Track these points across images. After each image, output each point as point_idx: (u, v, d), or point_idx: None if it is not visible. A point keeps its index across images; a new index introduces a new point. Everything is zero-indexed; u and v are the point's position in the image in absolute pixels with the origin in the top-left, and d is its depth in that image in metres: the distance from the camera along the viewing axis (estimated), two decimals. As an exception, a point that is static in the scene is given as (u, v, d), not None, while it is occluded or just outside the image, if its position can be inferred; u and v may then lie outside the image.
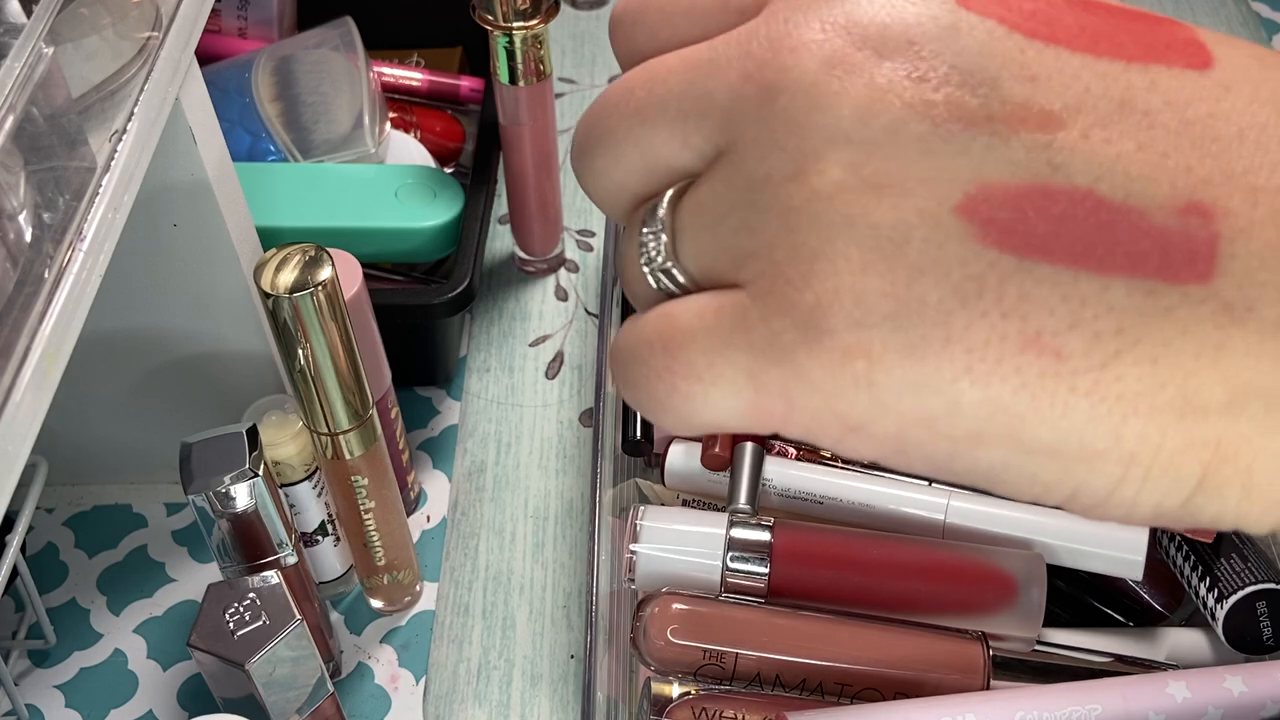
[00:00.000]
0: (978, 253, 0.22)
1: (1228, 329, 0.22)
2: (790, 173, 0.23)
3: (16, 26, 0.34)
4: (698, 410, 0.25)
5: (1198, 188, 0.22)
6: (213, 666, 0.42)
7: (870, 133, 0.22)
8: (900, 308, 0.22)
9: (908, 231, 0.22)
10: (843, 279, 0.22)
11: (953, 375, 0.22)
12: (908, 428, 0.23)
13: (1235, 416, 0.22)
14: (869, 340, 0.22)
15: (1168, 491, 0.23)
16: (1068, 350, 0.22)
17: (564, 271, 0.69)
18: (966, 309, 0.22)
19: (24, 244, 0.32)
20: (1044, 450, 0.23)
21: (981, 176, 0.22)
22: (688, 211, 0.25)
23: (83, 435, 0.56)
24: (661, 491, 0.50)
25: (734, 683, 0.43)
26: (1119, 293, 0.22)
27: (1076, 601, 0.48)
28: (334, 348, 0.42)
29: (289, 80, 0.64)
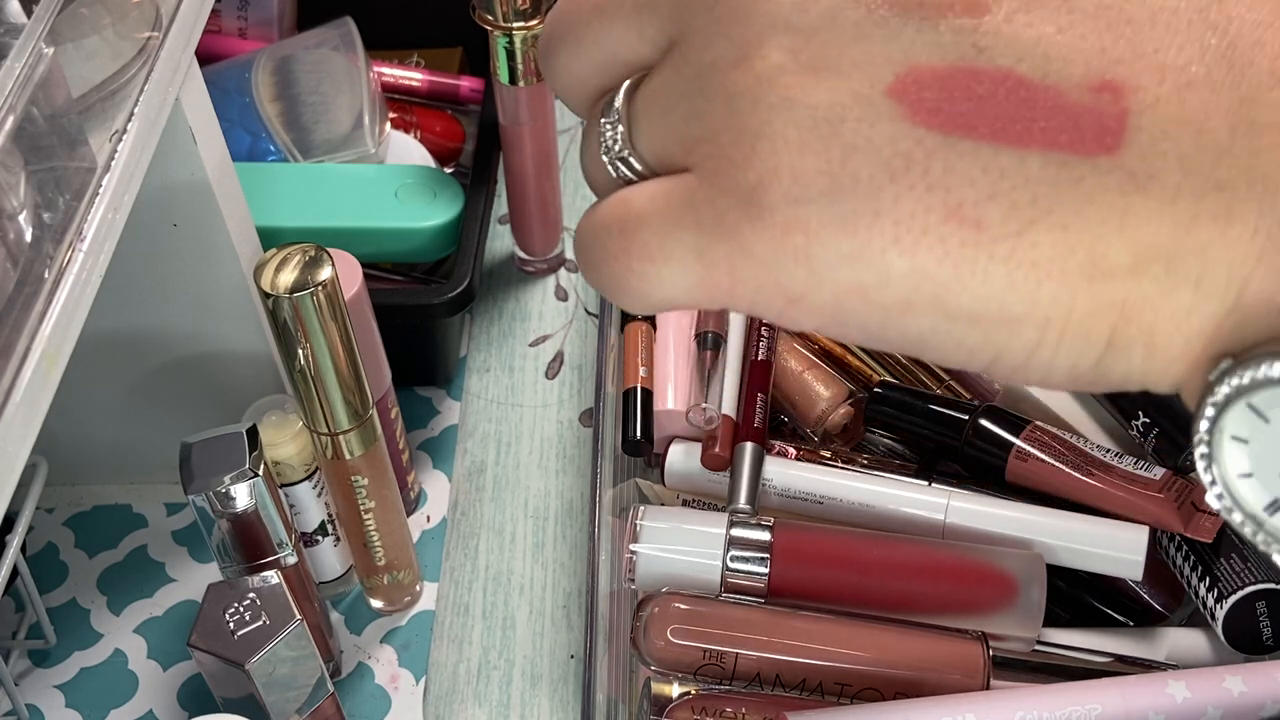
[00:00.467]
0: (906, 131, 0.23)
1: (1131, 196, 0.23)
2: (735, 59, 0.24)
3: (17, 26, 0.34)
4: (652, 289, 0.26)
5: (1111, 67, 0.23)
6: (213, 666, 0.42)
7: (808, 19, 0.24)
8: (834, 184, 0.24)
9: (842, 112, 0.24)
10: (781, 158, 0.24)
11: (882, 246, 0.24)
12: (842, 298, 0.25)
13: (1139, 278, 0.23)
14: (806, 215, 0.24)
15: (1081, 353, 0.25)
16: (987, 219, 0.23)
17: (564, 271, 0.69)
18: (895, 184, 0.23)
19: (24, 244, 0.32)
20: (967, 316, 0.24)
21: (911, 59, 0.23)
22: (641, 100, 0.27)
23: (83, 435, 0.56)
24: (661, 491, 0.50)
25: (734, 683, 0.43)
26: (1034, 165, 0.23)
27: (1076, 601, 0.48)
28: (334, 348, 0.42)
29: (289, 80, 0.64)
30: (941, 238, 0.24)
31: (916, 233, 0.24)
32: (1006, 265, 0.24)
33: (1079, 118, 0.23)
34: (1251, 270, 0.23)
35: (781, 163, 0.24)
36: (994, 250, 0.23)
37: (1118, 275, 0.24)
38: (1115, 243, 0.23)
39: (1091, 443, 0.46)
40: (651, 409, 0.49)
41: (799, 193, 0.24)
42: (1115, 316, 0.24)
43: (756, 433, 0.47)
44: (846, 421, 0.50)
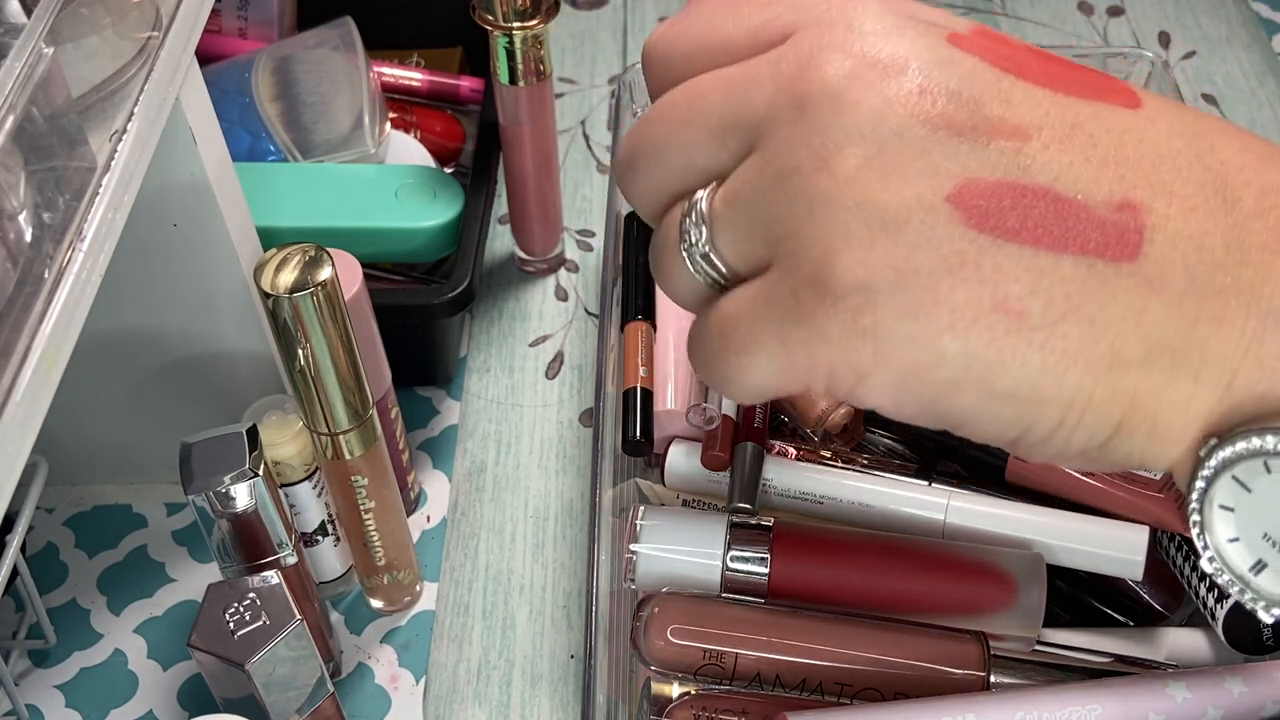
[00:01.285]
0: (961, 233, 0.27)
1: (1147, 297, 0.27)
2: (815, 165, 0.28)
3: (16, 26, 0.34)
4: (750, 377, 0.30)
5: (1129, 190, 0.28)
6: (213, 666, 0.42)
7: (881, 133, 0.28)
8: (899, 276, 0.27)
9: (908, 215, 0.27)
10: (855, 253, 0.27)
11: (938, 330, 0.27)
12: (903, 376, 0.28)
13: (1149, 369, 0.28)
14: (874, 302, 0.28)
15: (1094, 434, 0.29)
16: (1029, 311, 0.27)
17: (564, 271, 0.69)
18: (951, 277, 0.27)
19: (24, 244, 0.32)
20: (1005, 396, 0.28)
21: (967, 172, 0.27)
22: (723, 202, 0.30)
23: (83, 435, 0.56)
24: (661, 491, 0.50)
25: (734, 683, 0.43)
26: (1068, 267, 0.27)
27: (1076, 601, 0.48)
28: (334, 348, 0.42)
29: (289, 80, 0.64)
30: (990, 324, 0.27)
31: (969, 320, 0.27)
32: (1042, 352, 0.27)
33: (1105, 228, 0.27)
34: (1239, 363, 0.27)
35: (855, 257, 0.28)
36: (1032, 338, 0.27)
37: (1132, 365, 0.27)
38: (1132, 336, 0.27)
39: (1091, 443, 0.46)
40: (651, 409, 0.49)
41: (869, 282, 0.27)
42: (1127, 403, 0.28)
43: (756, 433, 0.47)
44: (846, 421, 0.50)
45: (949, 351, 0.28)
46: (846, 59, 0.28)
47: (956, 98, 0.28)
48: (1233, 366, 0.27)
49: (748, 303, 0.30)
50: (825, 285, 0.28)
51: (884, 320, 0.28)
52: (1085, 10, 0.83)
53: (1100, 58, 0.61)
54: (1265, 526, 0.29)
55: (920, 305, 0.27)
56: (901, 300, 0.27)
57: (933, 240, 0.27)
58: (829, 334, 0.28)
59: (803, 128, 0.28)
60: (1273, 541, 0.29)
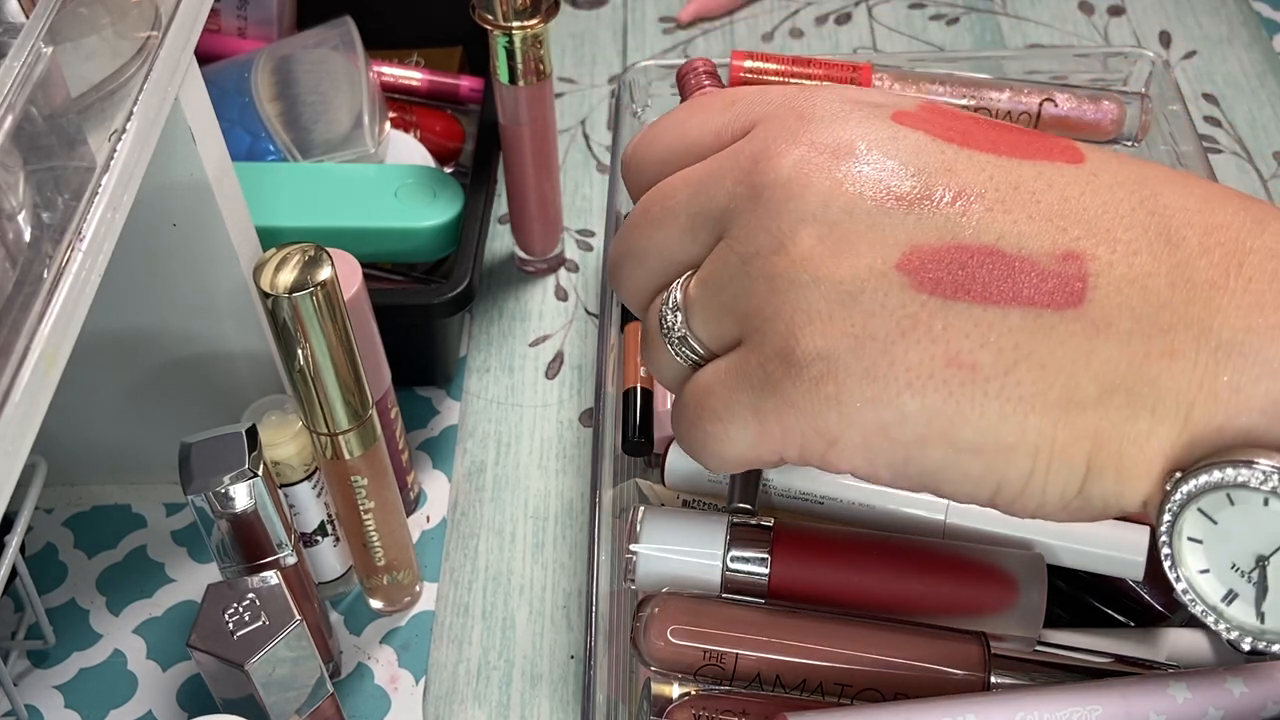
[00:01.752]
0: (912, 297, 0.29)
1: (1094, 339, 0.28)
2: (774, 247, 0.30)
3: (16, 26, 0.34)
4: (724, 446, 0.33)
5: (1072, 242, 0.29)
6: (212, 667, 0.42)
7: (831, 212, 0.30)
8: (857, 343, 0.29)
9: (861, 285, 0.29)
10: (815, 325, 0.29)
11: (898, 390, 0.29)
12: (869, 437, 0.30)
13: (1105, 407, 0.29)
14: (835, 369, 0.29)
15: (1067, 480, 0.30)
16: (980, 363, 0.29)
17: (564, 271, 0.69)
18: (905, 339, 0.29)
19: (23, 244, 0.32)
20: (970, 447, 0.29)
21: (914, 240, 0.29)
22: (696, 287, 0.32)
23: (83, 435, 0.56)
24: (661, 491, 0.50)
25: (734, 683, 0.43)
26: (1015, 319, 0.29)
27: (1076, 601, 0.48)
28: (334, 348, 0.42)
29: (289, 80, 0.64)
30: (945, 380, 0.29)
31: (924, 377, 0.29)
32: (998, 400, 0.29)
33: (1049, 280, 0.29)
34: (1195, 397, 0.28)
35: (815, 329, 0.29)
36: (987, 388, 0.29)
37: (1088, 406, 0.29)
38: (1084, 377, 0.28)
39: (1092, 443, 0.46)
40: (651, 409, 0.49)
41: (829, 351, 0.29)
42: (1090, 444, 0.29)
43: (756, 433, 0.47)
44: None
45: (909, 409, 0.29)
46: (797, 147, 0.31)
47: (901, 171, 0.30)
48: (1188, 399, 0.28)
49: (721, 374, 0.32)
50: (790, 357, 0.30)
51: (846, 385, 0.29)
52: (1086, 10, 0.83)
53: (1100, 57, 0.61)
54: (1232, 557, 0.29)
55: (878, 368, 0.29)
56: (860, 365, 0.29)
57: (886, 306, 0.29)
58: (796, 402, 0.30)
59: (760, 214, 0.30)
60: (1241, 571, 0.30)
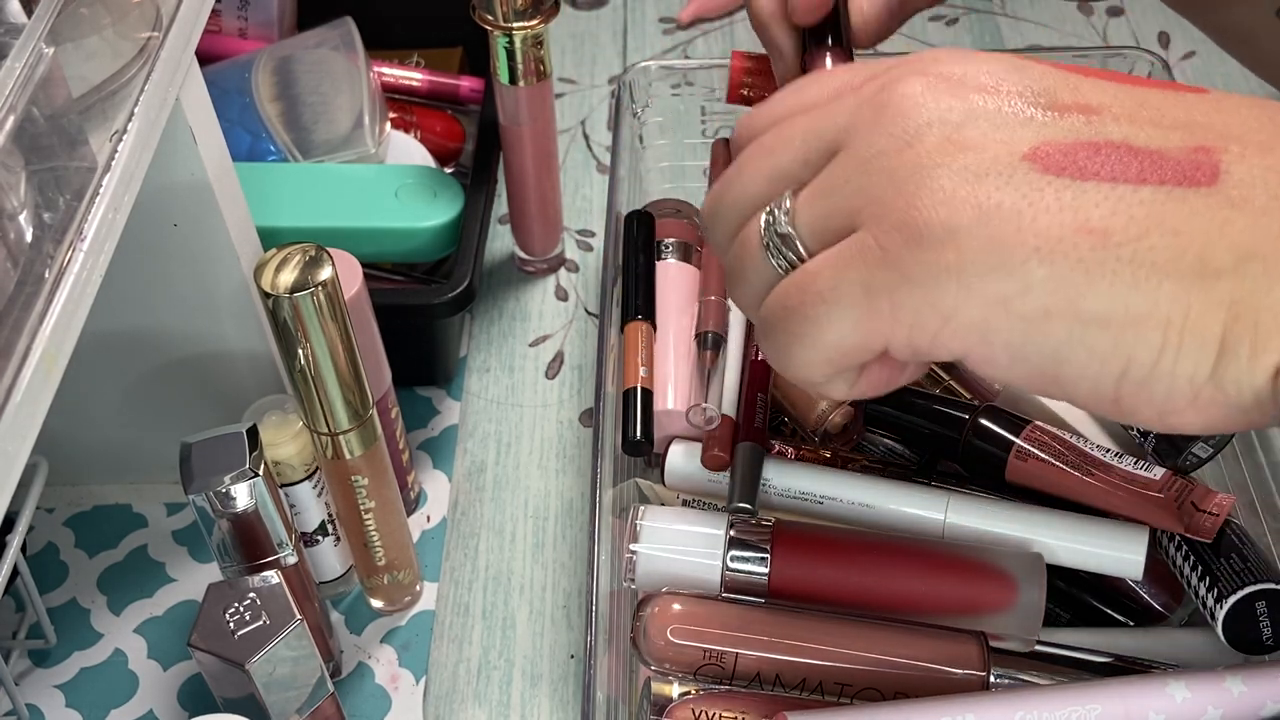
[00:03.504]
0: (1040, 178, 0.29)
1: (1229, 212, 0.28)
2: (899, 146, 0.30)
3: (17, 26, 0.34)
4: (823, 330, 0.31)
5: (1203, 140, 0.29)
6: (213, 666, 0.42)
7: (957, 116, 0.30)
8: (981, 212, 0.28)
9: (986, 168, 0.29)
10: (937, 197, 0.29)
11: (1024, 256, 0.28)
12: (989, 311, 0.29)
13: (1241, 276, 0.28)
14: (957, 238, 0.28)
15: (1199, 358, 0.28)
16: (1112, 229, 0.28)
17: (564, 271, 0.69)
18: (1033, 207, 0.28)
19: (24, 244, 0.32)
20: (1098, 319, 0.28)
21: (1042, 138, 0.29)
22: (805, 194, 0.32)
23: (83, 435, 0.56)
24: (661, 491, 0.50)
25: (734, 683, 0.43)
26: (1147, 193, 0.28)
27: (1076, 601, 0.48)
28: (334, 348, 0.42)
29: (289, 80, 0.64)
30: (1075, 244, 0.28)
31: (1053, 242, 0.28)
32: (1131, 266, 0.28)
33: (1181, 164, 0.28)
34: None
35: (937, 201, 0.29)
36: (1119, 253, 0.28)
37: (1224, 274, 0.28)
38: (1219, 246, 0.28)
39: (1091, 443, 0.46)
40: (651, 409, 0.49)
41: (951, 220, 0.29)
42: (1225, 314, 0.28)
43: (756, 433, 0.47)
44: (846, 421, 0.50)
45: (1035, 277, 0.28)
46: (923, 76, 0.31)
47: (1027, 90, 0.30)
48: None
49: (830, 258, 0.31)
50: (908, 229, 0.29)
51: (968, 253, 0.28)
52: (1085, 10, 0.83)
53: (1100, 57, 0.61)
54: None
55: (1004, 235, 0.28)
56: (985, 233, 0.28)
57: (1012, 183, 0.29)
58: (912, 273, 0.29)
59: (885, 124, 0.30)
60: None
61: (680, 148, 0.64)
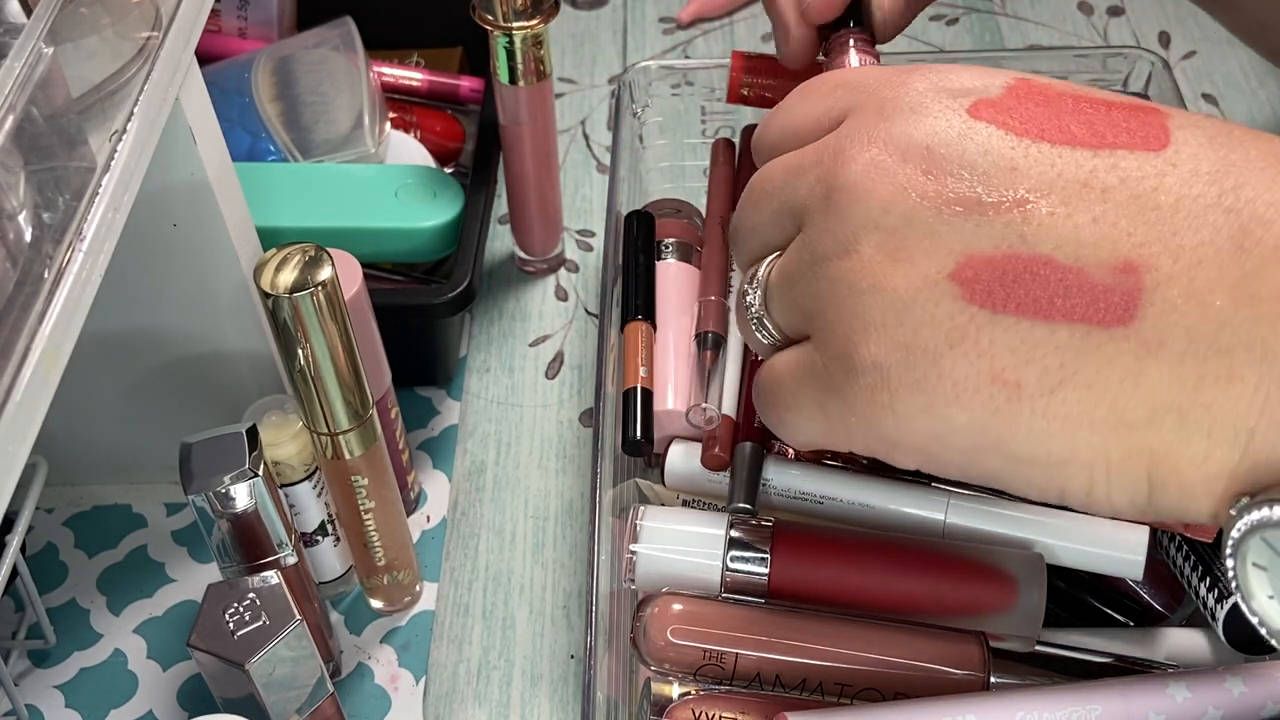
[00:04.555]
0: (962, 308, 0.29)
1: (1144, 360, 0.27)
2: (839, 251, 0.31)
3: (16, 26, 0.34)
4: (796, 432, 0.34)
5: (1134, 249, 0.28)
6: (213, 666, 0.42)
7: (890, 220, 0.30)
8: (908, 354, 0.29)
9: (915, 295, 0.29)
10: (870, 334, 0.30)
11: (946, 402, 0.29)
12: (925, 443, 0.30)
13: (1157, 428, 0.28)
14: (888, 379, 0.30)
15: (1133, 491, 0.29)
16: (1024, 381, 0.28)
17: (564, 271, 0.69)
18: (953, 351, 0.29)
19: (24, 244, 0.32)
20: (1024, 459, 0.29)
21: (969, 249, 0.29)
22: (775, 276, 0.34)
23: (83, 435, 0.56)
24: (661, 491, 0.50)
25: (734, 683, 0.43)
26: (1063, 335, 0.28)
27: (1076, 601, 0.48)
28: (334, 348, 0.42)
29: (289, 80, 0.64)
30: (990, 395, 0.29)
31: (970, 392, 0.29)
32: (1044, 419, 0.28)
33: (1100, 295, 0.28)
34: (1255, 423, 0.27)
35: (871, 338, 0.30)
36: (1033, 405, 0.28)
37: (1138, 426, 0.28)
38: (1133, 398, 0.28)
39: (1091, 443, 0.46)
40: (651, 409, 0.49)
41: (882, 361, 0.30)
42: (1147, 460, 0.28)
43: (756, 433, 0.47)
44: (846, 421, 0.50)
45: (958, 421, 0.29)
46: (870, 148, 0.31)
47: (965, 174, 0.30)
48: (1248, 426, 0.27)
49: (790, 366, 0.33)
50: (848, 363, 0.30)
51: (898, 395, 0.30)
52: (1085, 10, 0.83)
53: (1100, 57, 0.61)
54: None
55: (927, 379, 0.29)
56: (911, 376, 0.29)
57: (935, 317, 0.29)
58: (856, 407, 0.31)
59: (829, 217, 0.31)
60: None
61: (680, 148, 0.64)
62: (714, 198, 0.56)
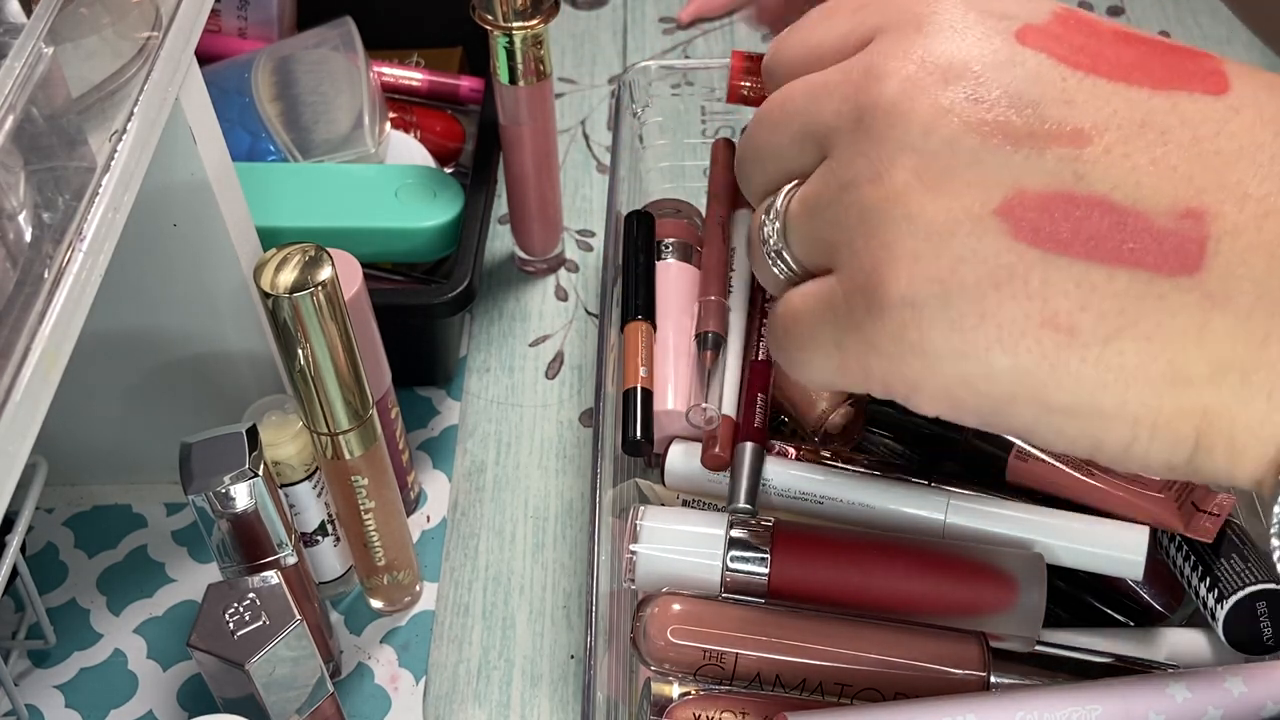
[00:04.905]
0: (1009, 246, 0.26)
1: (1209, 313, 0.26)
2: (870, 177, 0.28)
3: (16, 26, 0.34)
4: (810, 371, 0.31)
5: (1196, 195, 0.26)
6: (213, 666, 0.42)
7: (931, 144, 0.27)
8: (944, 290, 0.27)
9: (954, 227, 0.27)
10: (901, 266, 0.27)
11: (986, 345, 0.27)
12: (953, 388, 0.28)
13: (1217, 387, 0.26)
14: (919, 316, 0.27)
15: (1173, 450, 0.27)
16: (1079, 327, 0.26)
17: (564, 271, 0.69)
18: (998, 291, 0.27)
19: (24, 244, 0.32)
20: (1064, 410, 0.27)
21: (1019, 184, 0.27)
22: (797, 204, 0.31)
23: (83, 435, 0.56)
24: (661, 491, 0.50)
25: (734, 683, 0.43)
26: (1122, 281, 0.26)
27: (1076, 601, 0.48)
28: (334, 348, 0.42)
29: (289, 80, 0.64)
30: (1039, 340, 0.27)
31: (1016, 335, 0.27)
32: (1096, 369, 0.26)
33: (1163, 241, 0.26)
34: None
35: (901, 271, 0.27)
36: (1085, 354, 0.26)
37: (1196, 383, 0.26)
38: (1194, 354, 0.26)
39: (1091, 443, 0.46)
40: (651, 409, 0.49)
41: (914, 296, 0.27)
42: (1199, 420, 0.26)
43: (756, 433, 0.47)
44: (846, 421, 0.50)
45: (998, 366, 0.27)
46: (906, 65, 0.28)
47: (1015, 102, 0.27)
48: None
49: (808, 301, 0.30)
50: (874, 298, 0.28)
51: (930, 335, 0.28)
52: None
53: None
54: None
55: (966, 320, 0.27)
56: (946, 315, 0.27)
57: (979, 253, 0.27)
58: (879, 345, 0.29)
59: (860, 140, 0.29)
60: None
61: (680, 148, 0.64)
62: (714, 198, 0.56)
